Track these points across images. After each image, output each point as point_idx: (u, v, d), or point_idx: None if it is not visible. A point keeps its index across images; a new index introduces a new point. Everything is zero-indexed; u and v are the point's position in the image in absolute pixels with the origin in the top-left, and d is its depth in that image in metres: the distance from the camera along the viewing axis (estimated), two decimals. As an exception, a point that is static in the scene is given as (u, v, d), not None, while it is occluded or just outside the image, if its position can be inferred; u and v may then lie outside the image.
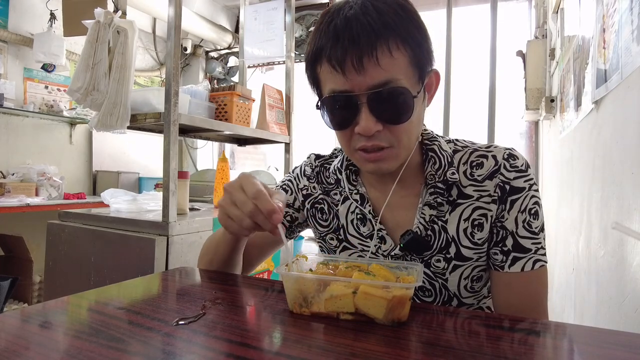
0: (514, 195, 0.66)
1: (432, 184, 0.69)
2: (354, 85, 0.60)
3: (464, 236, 0.69)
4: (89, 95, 1.43)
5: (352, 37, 0.58)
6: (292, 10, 2.23)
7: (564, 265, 2.01)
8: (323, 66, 0.62)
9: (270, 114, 2.05)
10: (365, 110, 0.60)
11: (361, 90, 0.60)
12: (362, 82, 0.59)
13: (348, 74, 0.59)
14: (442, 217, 0.69)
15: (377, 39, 0.57)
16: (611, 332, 0.50)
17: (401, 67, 0.60)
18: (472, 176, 0.69)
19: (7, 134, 2.94)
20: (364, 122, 0.61)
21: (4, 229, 2.71)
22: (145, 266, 1.34)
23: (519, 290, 0.66)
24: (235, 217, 0.59)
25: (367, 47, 0.57)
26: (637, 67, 0.97)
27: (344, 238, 0.77)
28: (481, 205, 0.68)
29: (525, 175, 0.67)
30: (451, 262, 0.69)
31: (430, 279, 0.71)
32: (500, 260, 0.67)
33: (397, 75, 0.59)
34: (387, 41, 0.58)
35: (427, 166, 0.70)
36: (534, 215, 0.66)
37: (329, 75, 0.61)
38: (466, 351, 0.43)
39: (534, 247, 0.66)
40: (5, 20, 2.93)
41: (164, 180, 1.42)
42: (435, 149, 0.71)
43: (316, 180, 0.83)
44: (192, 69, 4.54)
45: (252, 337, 0.47)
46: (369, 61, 0.58)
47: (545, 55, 2.68)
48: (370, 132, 0.61)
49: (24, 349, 0.43)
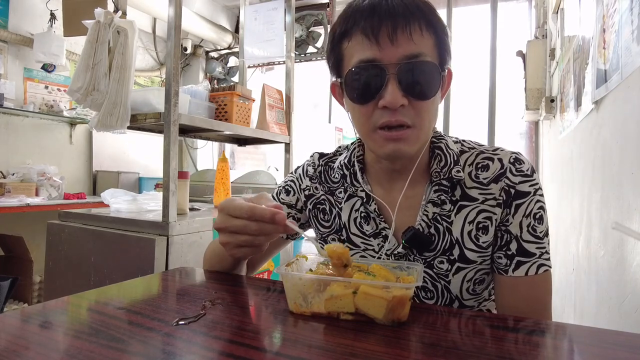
0: (519, 199, 0.66)
1: (437, 181, 0.69)
2: (384, 55, 0.61)
3: (468, 239, 0.68)
4: (89, 95, 1.43)
5: (389, 10, 0.61)
6: (292, 10, 2.23)
7: (564, 265, 2.01)
8: (353, 39, 0.64)
9: (270, 114, 2.05)
10: (393, 81, 0.61)
11: (392, 60, 0.61)
12: (394, 52, 0.61)
13: (382, 43, 0.61)
14: (446, 217, 0.69)
15: (411, 16, 0.61)
16: (611, 332, 0.49)
17: (429, 47, 0.63)
18: (477, 178, 0.69)
19: (7, 134, 2.94)
20: (391, 95, 0.61)
21: (4, 229, 2.71)
22: (145, 266, 1.34)
23: (523, 294, 0.66)
24: (246, 242, 0.58)
25: (403, 20, 0.60)
26: (637, 67, 0.97)
27: (346, 238, 0.77)
28: (486, 209, 0.68)
29: (530, 179, 0.67)
30: (455, 264, 0.69)
31: (433, 280, 0.70)
32: (504, 264, 0.67)
33: (427, 52, 0.62)
34: (419, 20, 0.61)
35: (433, 163, 0.70)
36: (539, 220, 0.66)
37: (359, 46, 0.63)
38: (466, 351, 0.43)
39: (539, 251, 0.65)
40: (5, 20, 2.93)
41: (164, 180, 1.42)
42: (442, 146, 0.71)
43: (319, 181, 0.82)
44: (192, 69, 4.54)
45: (252, 337, 0.47)
46: (403, 34, 0.60)
47: (545, 55, 2.68)
48: (396, 104, 0.61)
49: (24, 349, 0.43)
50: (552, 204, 2.41)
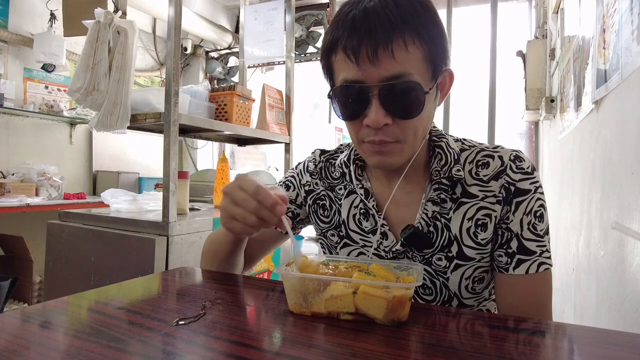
0: (519, 197, 0.66)
1: (437, 180, 0.69)
2: (366, 76, 0.60)
3: (467, 236, 0.68)
4: (89, 95, 1.43)
5: (369, 28, 0.58)
6: (292, 10, 2.23)
7: (564, 265, 2.01)
8: (338, 55, 0.63)
9: (270, 114, 2.05)
10: (375, 102, 0.60)
11: (373, 81, 0.60)
12: (375, 73, 0.59)
13: (362, 64, 0.59)
14: (445, 215, 0.69)
15: (394, 32, 0.58)
16: (611, 332, 0.49)
17: (415, 63, 0.60)
18: (477, 175, 0.69)
19: (7, 134, 2.94)
20: (374, 115, 0.61)
21: (4, 229, 2.71)
22: (145, 266, 1.34)
23: (523, 292, 0.65)
24: (239, 216, 0.59)
25: (383, 38, 0.58)
26: (637, 67, 0.97)
27: (345, 234, 0.77)
28: (486, 206, 0.68)
29: (531, 177, 0.67)
30: (453, 261, 0.69)
31: (431, 276, 0.71)
32: (504, 262, 0.67)
33: (411, 70, 0.59)
34: (403, 35, 0.58)
35: (433, 162, 0.70)
36: (539, 217, 0.66)
37: (343, 64, 0.62)
38: (466, 351, 0.43)
39: (539, 249, 0.65)
40: (5, 20, 2.93)
41: (164, 180, 1.42)
42: (442, 145, 0.71)
43: (319, 177, 0.82)
44: (192, 69, 4.54)
45: (252, 337, 0.47)
46: (384, 53, 0.58)
47: (546, 55, 2.68)
48: (379, 125, 0.61)
49: (24, 349, 0.43)
50: (552, 204, 2.41)
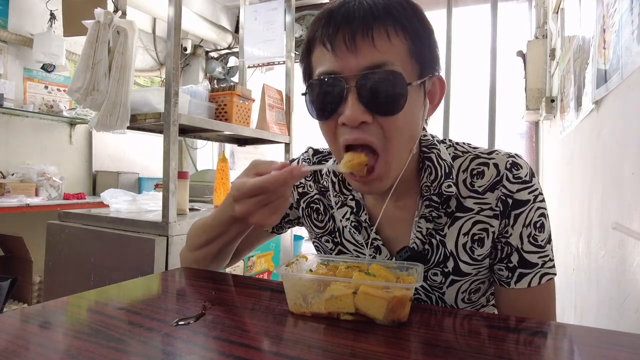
0: (517, 209, 0.62)
1: (427, 197, 0.65)
2: (343, 66, 0.55)
3: (463, 251, 0.65)
4: (89, 95, 1.43)
5: (347, 15, 0.54)
6: (292, 10, 2.23)
7: (564, 265, 2.01)
8: (316, 50, 0.59)
9: (270, 114, 2.05)
10: (352, 95, 0.55)
11: (351, 72, 0.54)
12: (353, 62, 0.54)
13: (339, 52, 0.54)
14: (440, 231, 0.66)
15: (374, 20, 0.54)
16: (611, 333, 0.49)
17: (398, 54, 0.55)
18: (472, 187, 0.65)
19: (7, 134, 2.94)
20: (349, 110, 0.54)
21: (4, 229, 2.70)
22: (145, 266, 1.34)
23: (526, 305, 0.64)
24: (275, 204, 0.55)
25: (362, 25, 0.53)
26: (637, 67, 0.97)
27: (340, 242, 0.74)
28: (482, 219, 0.64)
29: (529, 186, 0.62)
30: (449, 276, 0.66)
31: (426, 292, 0.69)
32: (505, 277, 0.64)
33: (394, 60, 0.54)
34: (385, 24, 0.54)
35: (423, 176, 0.65)
36: (540, 228, 0.63)
37: (320, 57, 0.57)
38: (466, 351, 0.43)
39: (541, 261, 0.63)
40: (5, 20, 2.93)
41: (163, 181, 1.42)
42: (432, 157, 0.66)
43: (312, 178, 0.78)
44: (192, 69, 4.54)
45: (252, 338, 0.47)
46: (364, 40, 0.53)
47: (546, 55, 2.68)
48: (356, 121, 0.55)
49: (24, 349, 0.43)
50: (553, 204, 2.41)
